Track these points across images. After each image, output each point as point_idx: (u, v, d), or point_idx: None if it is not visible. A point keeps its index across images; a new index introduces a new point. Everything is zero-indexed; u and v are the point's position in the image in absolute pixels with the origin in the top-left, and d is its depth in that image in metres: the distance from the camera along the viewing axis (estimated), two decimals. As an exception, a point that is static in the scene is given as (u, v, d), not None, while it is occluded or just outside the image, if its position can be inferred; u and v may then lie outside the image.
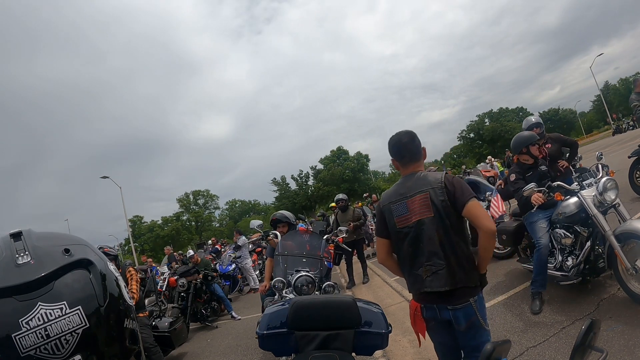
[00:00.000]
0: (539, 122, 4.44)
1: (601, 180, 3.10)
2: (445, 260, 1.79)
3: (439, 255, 1.80)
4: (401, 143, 1.98)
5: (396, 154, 2.02)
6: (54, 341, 0.73)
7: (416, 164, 1.98)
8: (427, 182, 1.86)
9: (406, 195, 1.90)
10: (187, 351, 5.61)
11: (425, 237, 1.82)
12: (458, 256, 1.80)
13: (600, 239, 3.12)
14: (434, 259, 1.81)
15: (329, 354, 1.45)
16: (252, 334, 5.08)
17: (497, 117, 57.15)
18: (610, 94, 57.17)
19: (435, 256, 1.81)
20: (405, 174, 1.98)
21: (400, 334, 3.89)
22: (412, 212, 1.86)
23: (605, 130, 47.62)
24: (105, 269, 0.89)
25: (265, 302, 3.63)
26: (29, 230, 0.87)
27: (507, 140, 42.28)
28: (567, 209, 3.31)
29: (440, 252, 1.80)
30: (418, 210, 1.84)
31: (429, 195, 1.83)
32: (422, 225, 1.83)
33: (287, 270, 3.43)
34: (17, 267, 0.77)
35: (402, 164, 2.00)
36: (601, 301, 3.17)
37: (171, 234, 47.82)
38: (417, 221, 1.84)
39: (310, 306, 1.59)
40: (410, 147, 1.97)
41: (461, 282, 1.78)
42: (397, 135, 2.01)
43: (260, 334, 1.57)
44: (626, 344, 2.46)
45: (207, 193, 56.51)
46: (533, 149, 3.59)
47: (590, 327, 0.77)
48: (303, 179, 53.34)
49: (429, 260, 1.82)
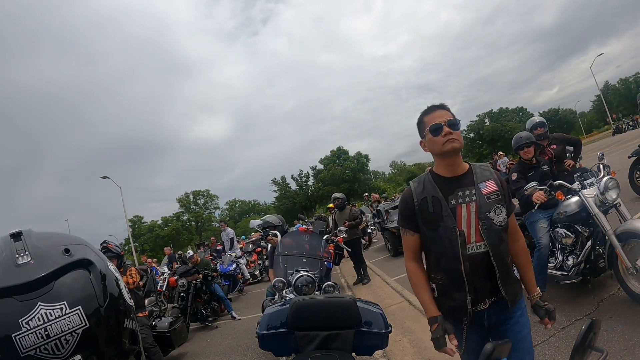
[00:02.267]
0: (543, 121, 4.44)
1: (602, 179, 3.11)
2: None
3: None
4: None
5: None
6: (54, 341, 0.73)
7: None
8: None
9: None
10: (187, 351, 5.61)
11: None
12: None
13: (601, 238, 3.12)
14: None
15: (329, 354, 1.45)
16: (252, 334, 5.08)
17: (497, 117, 57.18)
18: (610, 94, 57.15)
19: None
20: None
21: (400, 334, 3.89)
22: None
23: (605, 130, 47.61)
24: (105, 269, 0.88)
25: (265, 302, 3.63)
26: (29, 230, 0.87)
27: (507, 140, 42.31)
28: (568, 208, 3.31)
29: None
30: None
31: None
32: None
33: (287, 270, 3.43)
34: (17, 267, 0.76)
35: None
36: (601, 301, 3.17)
37: (171, 234, 47.82)
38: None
39: (310, 306, 1.59)
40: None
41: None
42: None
43: (260, 334, 1.57)
44: (626, 344, 2.46)
45: (207, 193, 56.57)
46: (522, 153, 3.63)
47: (590, 327, 0.77)
48: (303, 179, 53.35)
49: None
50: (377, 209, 11.31)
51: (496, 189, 1.54)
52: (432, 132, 1.53)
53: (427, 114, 1.59)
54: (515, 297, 1.55)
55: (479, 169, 1.59)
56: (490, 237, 1.47)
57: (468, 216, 1.49)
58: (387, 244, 9.26)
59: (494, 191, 1.53)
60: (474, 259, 1.48)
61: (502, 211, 1.51)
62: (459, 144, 1.51)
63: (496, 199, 1.52)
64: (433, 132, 1.53)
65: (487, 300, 1.52)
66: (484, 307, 1.53)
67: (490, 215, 1.49)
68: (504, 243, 1.52)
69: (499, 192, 1.53)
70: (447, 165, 1.56)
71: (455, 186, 1.53)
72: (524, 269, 1.64)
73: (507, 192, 1.59)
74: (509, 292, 1.50)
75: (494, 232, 1.48)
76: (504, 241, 1.52)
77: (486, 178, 1.56)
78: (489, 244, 1.47)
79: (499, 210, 1.50)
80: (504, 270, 1.50)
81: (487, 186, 1.53)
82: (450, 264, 1.50)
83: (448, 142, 1.49)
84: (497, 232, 1.49)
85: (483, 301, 1.52)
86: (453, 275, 1.50)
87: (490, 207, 1.49)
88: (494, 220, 1.49)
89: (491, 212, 1.49)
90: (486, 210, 1.48)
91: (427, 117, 1.58)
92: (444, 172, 1.58)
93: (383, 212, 10.18)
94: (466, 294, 1.49)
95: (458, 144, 1.51)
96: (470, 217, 1.49)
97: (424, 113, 1.61)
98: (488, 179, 1.55)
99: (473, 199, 1.50)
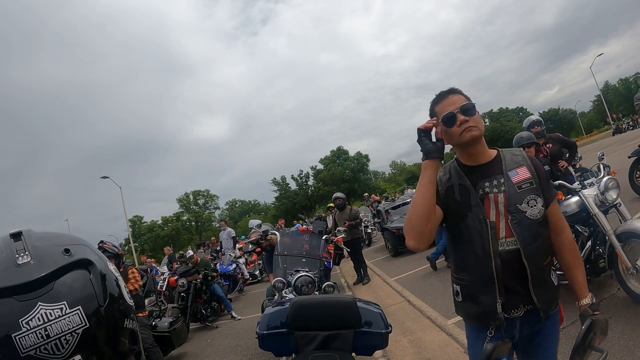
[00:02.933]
0: (539, 120, 4.47)
1: (603, 179, 3.11)
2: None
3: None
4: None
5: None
6: (54, 341, 0.73)
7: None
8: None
9: None
10: (187, 351, 5.61)
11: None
12: None
13: (601, 238, 3.12)
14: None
15: (329, 354, 1.45)
16: (252, 334, 5.08)
17: (497, 117, 57.23)
18: (610, 94, 57.16)
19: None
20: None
21: (400, 334, 3.89)
22: None
23: (605, 130, 47.63)
24: (105, 269, 0.88)
25: (265, 302, 3.63)
26: (29, 230, 0.87)
27: (507, 140, 42.30)
28: (568, 208, 3.31)
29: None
30: None
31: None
32: None
33: (287, 270, 3.43)
34: (17, 267, 0.76)
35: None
36: (601, 301, 3.17)
37: (171, 234, 47.82)
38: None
39: (310, 306, 1.59)
40: None
41: None
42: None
43: (260, 334, 1.57)
44: (626, 344, 2.46)
45: (207, 193, 56.56)
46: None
47: (590, 327, 0.77)
48: (303, 179, 53.33)
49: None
50: (377, 209, 11.32)
51: (529, 176, 1.34)
52: (445, 124, 1.32)
53: (438, 103, 1.38)
54: (550, 307, 1.35)
55: (509, 155, 1.40)
56: (522, 233, 1.28)
57: (497, 208, 1.31)
58: (387, 244, 9.26)
59: (526, 179, 1.33)
60: (505, 257, 1.28)
61: (538, 202, 1.31)
62: (478, 131, 1.31)
63: (529, 188, 1.32)
64: (446, 123, 1.31)
65: (523, 307, 1.31)
66: (517, 315, 1.31)
67: (522, 207, 1.29)
68: (540, 240, 1.31)
69: (532, 180, 1.33)
70: (470, 154, 1.38)
71: (482, 175, 1.35)
72: (570, 268, 1.40)
73: (546, 178, 1.38)
74: (542, 300, 1.31)
75: (526, 227, 1.28)
76: (540, 237, 1.31)
77: (517, 164, 1.36)
78: (520, 241, 1.28)
79: (532, 201, 1.30)
80: (538, 273, 1.30)
81: (519, 173, 1.34)
82: (479, 261, 1.31)
83: (465, 132, 1.29)
84: (530, 226, 1.29)
85: (517, 307, 1.31)
86: (481, 274, 1.31)
87: (521, 198, 1.30)
88: (527, 213, 1.29)
89: (523, 204, 1.30)
90: (517, 202, 1.30)
91: (438, 106, 1.37)
92: (468, 161, 1.39)
93: (383, 212, 10.18)
94: (496, 297, 1.29)
95: (477, 131, 1.30)
96: (499, 210, 1.30)
97: (434, 102, 1.40)
98: (520, 165, 1.36)
99: (502, 189, 1.32)
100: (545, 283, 1.34)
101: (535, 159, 1.40)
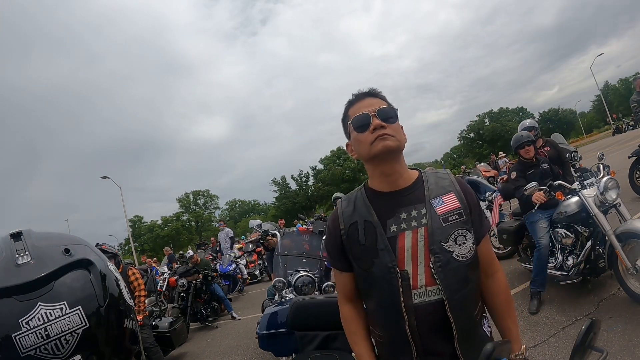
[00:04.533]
0: (533, 125, 4.56)
1: (602, 179, 3.11)
2: None
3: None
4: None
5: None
6: (54, 341, 0.73)
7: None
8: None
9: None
10: (187, 351, 5.61)
11: None
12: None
13: (600, 238, 3.12)
14: None
15: (329, 354, 1.45)
16: (252, 334, 5.08)
17: (497, 117, 57.21)
18: (610, 94, 57.16)
19: None
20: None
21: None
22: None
23: (605, 130, 47.63)
24: (106, 269, 0.88)
25: (265, 302, 3.64)
26: (29, 230, 0.87)
27: (507, 140, 42.27)
28: (568, 208, 3.32)
29: None
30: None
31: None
32: None
33: (287, 270, 3.43)
34: (17, 267, 0.76)
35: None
36: (601, 301, 3.17)
37: (171, 234, 47.85)
38: None
39: (310, 306, 1.59)
40: None
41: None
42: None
43: (260, 334, 1.58)
44: (626, 344, 2.46)
45: (207, 193, 56.58)
46: (522, 152, 3.66)
47: (590, 327, 0.77)
48: (303, 179, 53.36)
49: None
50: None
51: (458, 205, 1.06)
52: (356, 128, 1.08)
53: (352, 105, 1.13)
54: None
55: (434, 177, 1.12)
56: (446, 279, 1.01)
57: (414, 249, 1.03)
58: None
59: (454, 209, 1.06)
60: (423, 311, 1.02)
61: (467, 238, 1.04)
62: (396, 142, 1.05)
63: (457, 220, 1.05)
64: (358, 127, 1.07)
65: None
66: None
67: (448, 246, 1.03)
68: (470, 285, 1.05)
69: (462, 211, 1.06)
70: (383, 174, 1.09)
71: (397, 204, 1.07)
72: (503, 318, 1.14)
73: (477, 207, 1.12)
74: (471, 359, 1.02)
75: (453, 271, 1.02)
76: (470, 282, 1.05)
77: (443, 190, 1.09)
78: (444, 289, 1.01)
79: (461, 237, 1.04)
80: (466, 328, 1.04)
81: (445, 202, 1.06)
82: (390, 318, 1.05)
83: (378, 140, 1.03)
84: (457, 270, 1.02)
85: None
86: (394, 333, 1.05)
87: (447, 234, 1.03)
88: (454, 253, 1.02)
89: (449, 242, 1.03)
90: (441, 239, 1.03)
91: (352, 108, 1.12)
92: (380, 186, 1.11)
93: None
94: (412, 359, 1.05)
95: (394, 141, 1.04)
96: (417, 250, 1.03)
97: (349, 104, 1.15)
98: (446, 192, 1.08)
99: (422, 222, 1.04)
100: (476, 337, 1.07)
101: (464, 183, 1.15)
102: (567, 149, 4.72)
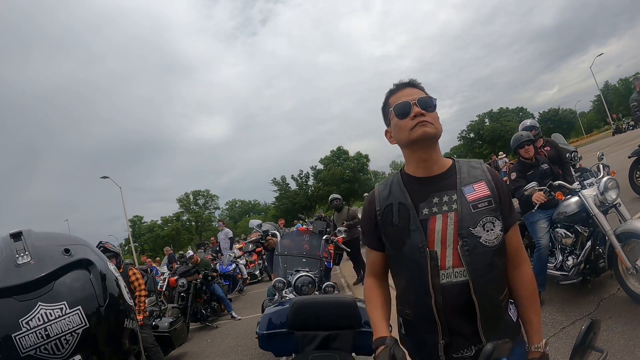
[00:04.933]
0: (534, 125, 4.54)
1: (602, 179, 3.11)
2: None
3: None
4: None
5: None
6: (54, 341, 0.73)
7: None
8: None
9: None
10: (187, 351, 5.61)
11: None
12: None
13: (600, 238, 3.12)
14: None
15: (329, 354, 1.45)
16: (252, 334, 5.08)
17: (497, 117, 57.23)
18: (610, 94, 57.19)
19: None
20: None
21: (401, 334, 3.89)
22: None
23: (605, 130, 47.65)
24: (106, 269, 0.89)
25: (265, 302, 3.63)
26: (29, 230, 0.87)
27: (507, 140, 42.28)
28: (568, 208, 3.32)
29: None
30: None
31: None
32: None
33: (287, 270, 3.43)
34: (17, 267, 0.77)
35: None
36: (601, 301, 3.17)
37: (171, 234, 47.87)
38: None
39: (310, 306, 1.59)
40: None
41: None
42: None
43: (260, 334, 1.58)
44: (626, 344, 2.46)
45: (207, 193, 56.61)
46: (522, 152, 3.66)
47: (590, 327, 0.77)
48: (303, 179, 53.37)
49: None
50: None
51: (487, 193, 1.11)
52: (397, 115, 1.15)
53: (393, 94, 1.20)
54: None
55: (466, 166, 1.18)
56: (473, 263, 1.06)
57: (444, 232, 1.09)
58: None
59: (484, 197, 1.11)
60: (450, 292, 1.08)
61: (495, 225, 1.09)
62: (434, 129, 1.11)
63: (486, 208, 1.10)
64: (399, 114, 1.14)
65: (473, 347, 1.09)
66: (468, 354, 1.10)
67: (476, 231, 1.07)
68: (496, 271, 1.09)
69: (491, 199, 1.11)
70: (419, 160, 1.16)
71: (431, 189, 1.14)
72: (525, 308, 1.17)
73: (507, 197, 1.16)
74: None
75: (479, 256, 1.07)
76: (496, 268, 1.09)
77: (475, 179, 1.14)
78: (470, 272, 1.06)
79: (489, 224, 1.08)
80: (490, 310, 1.08)
81: (475, 190, 1.12)
82: (418, 296, 1.11)
83: (418, 126, 1.10)
84: (484, 255, 1.07)
85: (466, 348, 1.10)
86: (421, 311, 1.11)
87: (476, 220, 1.08)
88: (481, 238, 1.07)
89: (477, 227, 1.08)
90: (470, 224, 1.08)
91: (393, 97, 1.20)
92: (416, 171, 1.18)
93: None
94: (438, 337, 1.10)
95: (432, 129, 1.11)
96: (447, 233, 1.09)
97: (390, 93, 1.22)
98: (477, 180, 1.14)
99: (453, 207, 1.10)
100: (501, 322, 1.11)
101: (497, 174, 1.20)
102: (567, 149, 4.71)
